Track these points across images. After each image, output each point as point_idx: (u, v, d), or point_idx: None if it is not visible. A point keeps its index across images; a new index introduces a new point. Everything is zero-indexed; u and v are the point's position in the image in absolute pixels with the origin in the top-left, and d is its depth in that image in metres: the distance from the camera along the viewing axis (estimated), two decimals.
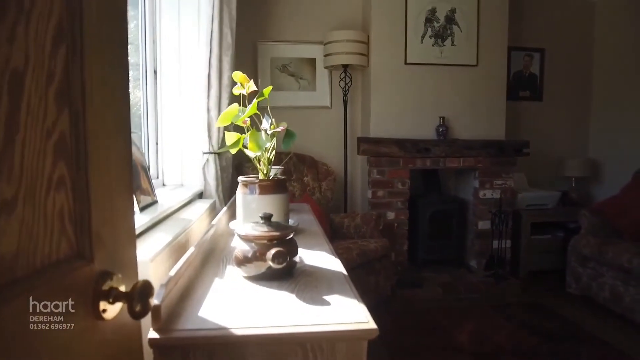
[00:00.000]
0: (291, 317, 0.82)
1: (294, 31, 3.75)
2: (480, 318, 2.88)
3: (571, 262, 3.36)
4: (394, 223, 3.49)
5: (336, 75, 3.77)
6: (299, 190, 3.33)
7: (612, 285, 2.97)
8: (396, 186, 3.48)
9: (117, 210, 0.57)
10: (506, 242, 3.61)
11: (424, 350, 2.43)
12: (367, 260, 2.82)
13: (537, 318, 2.89)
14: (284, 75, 3.79)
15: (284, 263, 0.94)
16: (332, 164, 3.71)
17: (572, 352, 2.44)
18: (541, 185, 4.31)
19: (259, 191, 1.46)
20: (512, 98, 4.16)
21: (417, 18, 3.58)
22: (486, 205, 3.63)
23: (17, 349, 0.41)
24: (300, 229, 1.64)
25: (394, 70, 3.56)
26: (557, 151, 4.38)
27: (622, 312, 2.88)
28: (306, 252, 1.31)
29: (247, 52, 3.64)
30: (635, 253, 2.80)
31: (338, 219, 3.27)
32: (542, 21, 4.28)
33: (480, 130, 3.68)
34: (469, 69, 3.67)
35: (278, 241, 1.02)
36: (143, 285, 0.54)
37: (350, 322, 0.80)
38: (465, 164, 3.57)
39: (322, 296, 0.92)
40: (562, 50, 4.35)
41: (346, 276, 1.05)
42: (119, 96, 0.58)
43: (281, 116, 3.78)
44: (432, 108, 3.62)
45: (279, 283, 1.00)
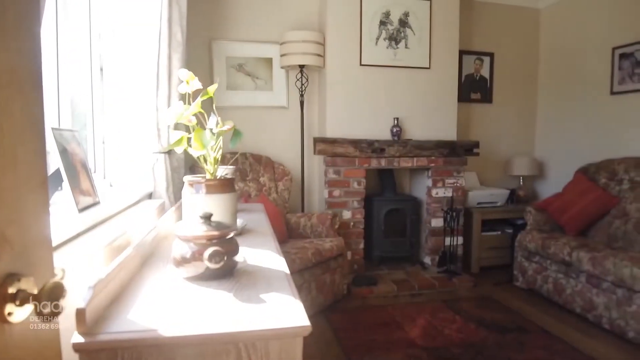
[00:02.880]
0: (225, 317, 0.81)
1: (250, 30, 3.72)
2: (433, 313, 2.96)
3: (518, 257, 3.52)
4: (350, 222, 3.53)
5: (293, 75, 3.77)
6: (255, 190, 3.30)
7: (554, 278, 3.14)
8: (352, 185, 3.52)
9: (26, 210, 0.55)
10: (457, 239, 3.74)
11: (377, 346, 2.47)
12: (323, 260, 2.84)
13: (486, 311, 3.01)
14: (240, 75, 3.75)
15: (220, 263, 0.94)
16: (289, 164, 3.71)
17: (517, 342, 2.55)
18: (491, 184, 4.49)
19: (205, 191, 1.44)
20: (464, 100, 4.32)
21: (372, 20, 3.64)
22: (439, 204, 3.74)
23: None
24: (248, 229, 1.63)
25: (350, 71, 3.60)
26: (506, 151, 4.57)
27: (563, 303, 3.04)
28: (252, 251, 1.30)
29: (201, 50, 3.58)
30: (575, 247, 2.97)
31: (294, 219, 3.27)
32: (492, 26, 4.45)
33: (433, 130, 3.79)
34: (422, 71, 3.77)
35: (217, 241, 1.01)
36: (53, 287, 0.52)
37: (285, 320, 0.80)
38: (419, 163, 3.66)
39: (260, 295, 0.92)
40: (510, 54, 4.54)
41: (287, 275, 1.06)
42: (29, 88, 0.56)
43: (237, 116, 3.78)
44: (387, 109, 3.69)
45: (218, 283, 0.99)
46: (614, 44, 3.75)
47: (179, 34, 2.39)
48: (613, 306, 2.65)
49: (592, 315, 2.80)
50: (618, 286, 2.62)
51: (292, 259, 2.60)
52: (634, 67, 3.59)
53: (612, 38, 3.78)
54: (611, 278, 2.64)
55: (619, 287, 2.62)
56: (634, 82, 3.59)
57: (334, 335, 2.61)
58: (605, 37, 3.84)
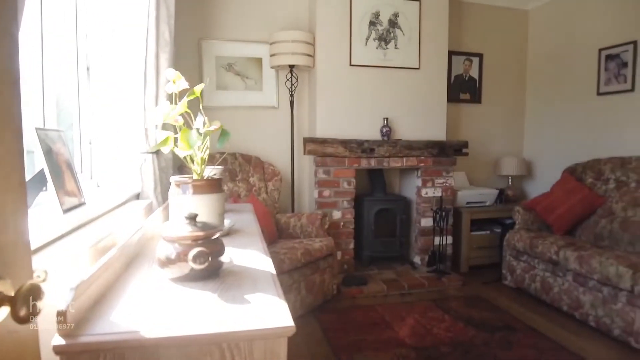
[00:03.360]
0: (209, 318, 0.81)
1: (239, 30, 3.71)
2: (422, 312, 2.97)
3: (506, 256, 3.55)
4: (340, 222, 3.54)
5: (283, 75, 3.76)
6: (244, 190, 3.29)
7: (542, 276, 3.17)
8: (342, 185, 3.53)
9: (3, 211, 0.54)
10: (447, 239, 3.76)
11: (367, 345, 2.48)
12: (312, 260, 2.84)
13: (475, 310, 3.03)
14: (230, 75, 3.74)
15: (205, 263, 0.93)
16: (279, 164, 3.71)
17: (505, 341, 2.57)
18: (480, 184, 4.52)
19: (192, 191, 1.43)
20: (453, 100, 4.34)
21: (362, 21, 3.65)
22: (428, 204, 3.76)
23: None
24: (235, 229, 1.62)
25: (340, 71, 3.61)
26: (495, 151, 4.61)
27: (550, 301, 3.08)
28: (239, 251, 1.30)
29: (191, 49, 3.56)
30: (562, 246, 3.00)
31: (284, 219, 3.27)
32: (481, 27, 4.49)
33: (422, 131, 3.81)
34: (411, 72, 3.79)
35: (202, 241, 1.01)
36: (29, 288, 0.51)
37: (269, 320, 0.80)
38: (408, 163, 3.68)
39: (244, 295, 0.91)
40: (499, 55, 4.58)
41: (273, 275, 1.05)
42: (5, 88, 0.55)
43: (227, 116, 3.77)
44: (377, 109, 3.70)
45: (203, 283, 0.99)
46: (601, 45, 3.80)
47: (167, 33, 2.38)
48: (599, 304, 2.68)
49: (578, 313, 2.84)
50: (604, 284, 2.65)
51: (281, 259, 2.59)
52: (620, 68, 3.64)
53: (599, 39, 3.83)
54: (597, 276, 2.67)
55: (604, 286, 2.65)
56: (620, 82, 3.65)
57: (323, 335, 2.62)
58: (592, 39, 3.89)
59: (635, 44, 3.50)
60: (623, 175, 3.28)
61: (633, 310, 2.45)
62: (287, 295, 2.67)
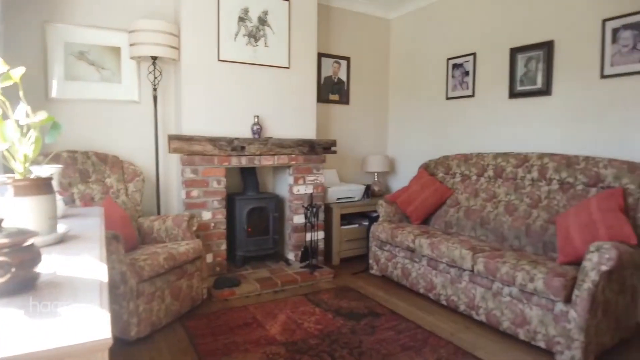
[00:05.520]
0: (7, 340, 0.68)
1: (93, 14, 3.33)
2: (293, 308, 3.01)
3: (372, 246, 3.79)
4: (211, 223, 3.41)
5: (145, 67, 3.49)
6: (99, 193, 2.97)
7: (402, 264, 3.44)
8: (211, 185, 3.40)
9: None
10: (318, 234, 3.87)
11: (236, 347, 2.42)
12: (178, 264, 2.68)
13: (343, 301, 3.17)
14: (83, 64, 3.35)
15: (6, 275, 0.79)
16: (142, 164, 3.44)
17: (369, 326, 2.73)
18: (350, 180, 4.76)
19: (13, 192, 1.23)
20: (323, 101, 4.50)
21: (230, 15, 3.56)
22: (300, 201, 3.83)
23: None
24: (72, 235, 1.43)
25: (207, 66, 3.47)
26: (362, 149, 4.90)
27: (410, 286, 3.36)
28: (68, 259, 1.14)
29: (32, 33, 3.10)
30: (417, 234, 3.30)
31: (147, 223, 3.03)
32: (348, 32, 4.72)
33: (293, 129, 3.86)
34: (282, 71, 3.81)
35: (8, 250, 0.85)
36: None
37: (82, 335, 0.70)
38: (280, 161, 3.70)
39: (58, 309, 0.79)
40: (364, 59, 4.87)
41: (102, 284, 0.93)
42: None
43: (80, 110, 3.38)
44: (247, 106, 3.65)
45: (8, 300, 0.83)
46: (448, 55, 4.28)
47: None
48: (448, 284, 3.01)
49: (432, 294, 3.14)
50: (451, 266, 2.98)
51: (140, 266, 2.39)
52: (463, 76, 4.14)
53: (447, 50, 4.30)
54: (445, 260, 2.99)
55: (452, 267, 2.98)
56: (463, 89, 4.14)
57: (189, 342, 2.48)
58: (441, 49, 4.36)
59: (474, 55, 4.01)
60: (466, 170, 3.74)
61: (474, 288, 2.80)
62: (150, 304, 2.47)
